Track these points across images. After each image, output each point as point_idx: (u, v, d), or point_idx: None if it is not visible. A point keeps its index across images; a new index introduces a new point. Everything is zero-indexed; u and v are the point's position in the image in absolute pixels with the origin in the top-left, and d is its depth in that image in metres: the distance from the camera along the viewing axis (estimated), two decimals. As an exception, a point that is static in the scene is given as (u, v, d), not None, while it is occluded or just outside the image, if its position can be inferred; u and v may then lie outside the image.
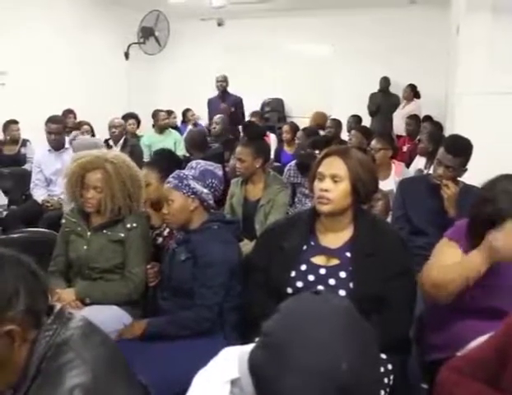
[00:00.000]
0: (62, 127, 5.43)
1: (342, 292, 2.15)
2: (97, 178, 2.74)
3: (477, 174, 3.06)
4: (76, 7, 8.56)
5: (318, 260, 2.24)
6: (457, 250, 2.17)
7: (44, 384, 1.31)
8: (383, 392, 2.03)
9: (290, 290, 2.21)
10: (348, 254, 2.22)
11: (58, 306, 1.44)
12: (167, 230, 3.14)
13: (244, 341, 2.03)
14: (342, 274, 2.18)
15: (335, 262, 2.22)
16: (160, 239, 3.19)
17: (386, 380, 2.09)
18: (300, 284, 2.21)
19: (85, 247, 2.80)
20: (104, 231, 2.80)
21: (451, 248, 2.19)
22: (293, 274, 2.23)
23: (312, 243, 2.28)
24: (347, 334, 1.08)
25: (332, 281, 2.18)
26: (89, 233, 2.83)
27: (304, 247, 2.27)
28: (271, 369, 1.06)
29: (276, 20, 9.33)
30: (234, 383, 1.23)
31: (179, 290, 2.55)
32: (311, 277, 2.21)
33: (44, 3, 7.83)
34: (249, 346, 1.16)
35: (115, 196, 2.75)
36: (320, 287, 2.16)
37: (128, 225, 2.80)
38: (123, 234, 2.79)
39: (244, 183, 3.94)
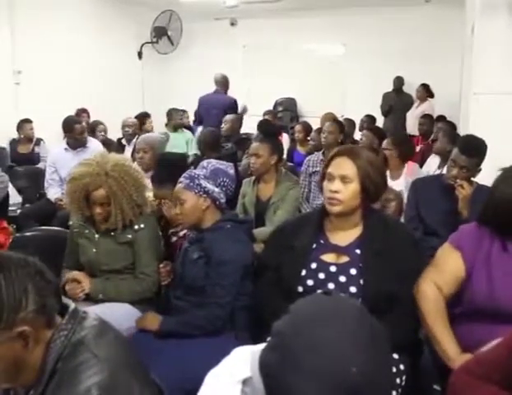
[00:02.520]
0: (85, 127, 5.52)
1: (353, 289, 2.15)
2: (102, 196, 2.71)
3: (491, 174, 3.04)
4: (89, 7, 8.59)
5: (328, 258, 2.25)
6: (458, 261, 2.16)
7: (60, 384, 1.32)
8: (394, 393, 2.03)
9: (300, 289, 2.21)
10: (358, 251, 2.22)
11: (72, 305, 1.45)
12: (184, 231, 3.14)
13: (255, 340, 2.03)
14: (353, 271, 2.18)
15: (345, 259, 2.22)
16: (174, 238, 3.21)
17: (398, 380, 2.08)
18: (310, 282, 2.21)
19: (94, 250, 2.82)
20: (112, 234, 2.81)
21: (453, 258, 2.19)
22: (303, 273, 2.23)
23: (322, 241, 2.29)
24: (358, 336, 1.07)
25: (342, 278, 2.18)
26: (97, 236, 2.84)
27: (314, 245, 2.28)
28: (280, 370, 1.06)
29: (288, 19, 9.31)
30: (245, 382, 1.23)
31: (192, 289, 2.55)
32: (321, 275, 2.21)
33: (57, 2, 7.87)
34: (261, 346, 1.16)
35: (124, 211, 2.74)
36: (331, 285, 2.17)
37: (136, 227, 2.81)
38: (130, 236, 2.80)
39: (257, 182, 3.94)
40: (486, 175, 3.09)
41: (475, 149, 3.13)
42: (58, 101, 7.30)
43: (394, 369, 2.08)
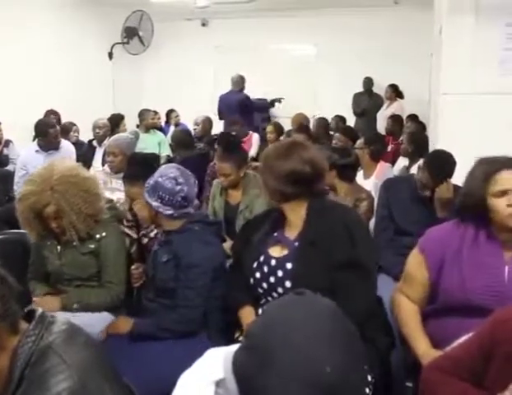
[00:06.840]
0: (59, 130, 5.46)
1: (288, 284, 2.13)
2: (52, 211, 2.61)
3: (461, 173, 3.08)
4: (58, 7, 8.47)
5: (273, 251, 2.24)
6: (422, 266, 2.21)
7: (29, 391, 1.29)
8: (367, 390, 2.03)
9: (252, 281, 2.23)
10: (296, 244, 2.19)
11: (39, 310, 1.42)
12: (154, 231, 3.12)
13: (228, 341, 2.02)
14: (289, 265, 2.16)
15: (285, 252, 2.21)
16: (145, 240, 3.18)
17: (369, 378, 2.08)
18: (258, 275, 2.22)
19: (57, 261, 2.76)
20: (74, 244, 2.72)
21: (418, 265, 2.24)
22: (255, 265, 2.24)
23: (275, 234, 2.27)
24: (332, 336, 1.07)
25: (280, 273, 2.17)
26: (59, 247, 2.78)
27: (270, 238, 2.27)
28: (253, 371, 1.05)
29: (260, 20, 9.31)
30: (219, 383, 1.22)
31: (163, 291, 2.54)
32: (265, 268, 2.21)
33: (26, 2, 7.73)
34: (234, 347, 1.16)
35: (76, 226, 2.64)
36: (272, 278, 2.17)
37: (97, 236, 2.74)
38: (93, 246, 2.74)
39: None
40: (456, 175, 3.15)
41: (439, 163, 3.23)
42: (27, 102, 7.16)
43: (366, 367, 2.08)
